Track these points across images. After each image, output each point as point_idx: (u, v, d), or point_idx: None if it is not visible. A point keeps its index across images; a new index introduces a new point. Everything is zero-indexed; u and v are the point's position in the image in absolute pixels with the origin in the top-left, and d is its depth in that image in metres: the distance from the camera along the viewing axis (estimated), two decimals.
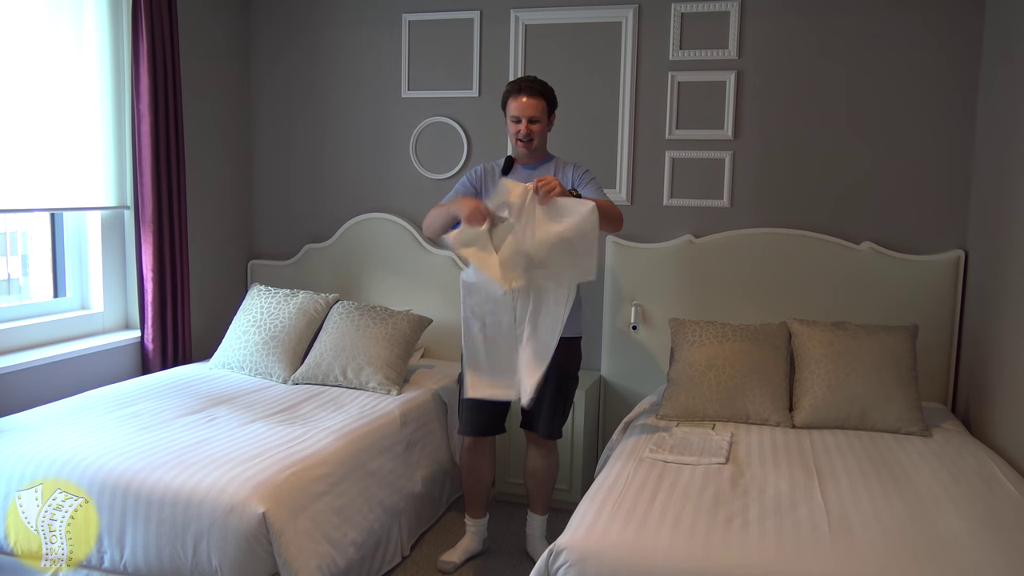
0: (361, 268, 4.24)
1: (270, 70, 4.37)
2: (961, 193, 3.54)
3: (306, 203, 4.40)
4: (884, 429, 3.05)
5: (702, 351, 3.27)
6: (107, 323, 3.75)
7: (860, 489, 2.47)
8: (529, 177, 2.94)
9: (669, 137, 3.82)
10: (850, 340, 3.19)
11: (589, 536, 2.16)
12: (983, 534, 2.16)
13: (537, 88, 2.96)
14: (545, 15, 3.91)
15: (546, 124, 3.00)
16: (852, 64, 3.59)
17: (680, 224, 3.85)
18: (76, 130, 3.45)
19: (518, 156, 3.08)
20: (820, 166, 3.68)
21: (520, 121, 2.95)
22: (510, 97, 2.97)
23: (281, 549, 2.36)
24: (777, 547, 2.10)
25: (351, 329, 3.59)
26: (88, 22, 3.48)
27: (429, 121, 4.14)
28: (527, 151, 3.00)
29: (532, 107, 2.93)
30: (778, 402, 3.16)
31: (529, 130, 2.95)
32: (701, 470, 2.62)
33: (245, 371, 3.64)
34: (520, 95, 2.94)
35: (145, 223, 3.65)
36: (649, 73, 3.83)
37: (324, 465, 2.68)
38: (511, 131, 3.00)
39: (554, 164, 3.07)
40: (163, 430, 2.84)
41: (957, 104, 3.50)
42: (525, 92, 2.94)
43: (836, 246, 3.61)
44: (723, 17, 3.70)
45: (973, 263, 3.44)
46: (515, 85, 2.99)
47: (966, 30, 3.46)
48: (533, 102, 2.94)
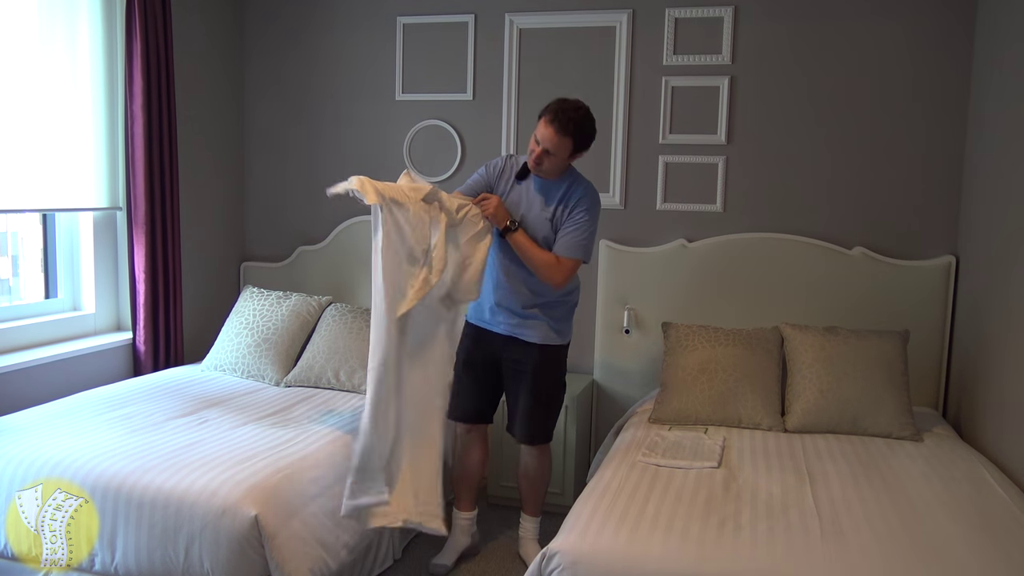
0: (354, 271, 4.24)
1: (264, 72, 4.37)
2: (952, 199, 3.56)
3: (299, 205, 4.39)
4: (875, 434, 3.07)
5: (695, 355, 3.28)
6: (99, 324, 3.73)
7: (852, 493, 2.48)
8: (542, 186, 2.94)
9: (663, 141, 3.83)
10: (842, 345, 3.21)
11: (582, 540, 2.16)
12: (973, 538, 2.17)
13: (570, 128, 2.76)
14: (539, 19, 3.92)
15: (564, 159, 2.84)
16: (845, 70, 3.61)
17: (673, 228, 3.86)
18: (69, 131, 3.44)
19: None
20: (813, 171, 3.70)
21: (540, 143, 2.81)
22: (544, 115, 2.80)
23: (273, 552, 2.35)
24: (769, 551, 2.11)
25: (344, 332, 3.59)
26: (81, 23, 3.46)
27: (423, 124, 4.14)
28: (535, 172, 2.91)
29: (553, 142, 2.77)
30: (770, 406, 3.17)
31: (540, 158, 2.82)
32: (694, 474, 2.62)
33: (237, 373, 3.63)
34: (551, 124, 2.76)
35: (137, 224, 3.64)
36: (643, 78, 3.84)
37: (317, 468, 2.68)
38: (530, 146, 2.86)
39: (567, 182, 2.94)
40: (155, 432, 2.83)
41: (948, 110, 3.53)
42: (556, 123, 2.75)
43: (828, 251, 3.63)
44: (717, 22, 3.72)
45: (964, 269, 3.46)
46: (553, 110, 2.78)
47: (957, 37, 3.48)
48: (557, 138, 2.76)
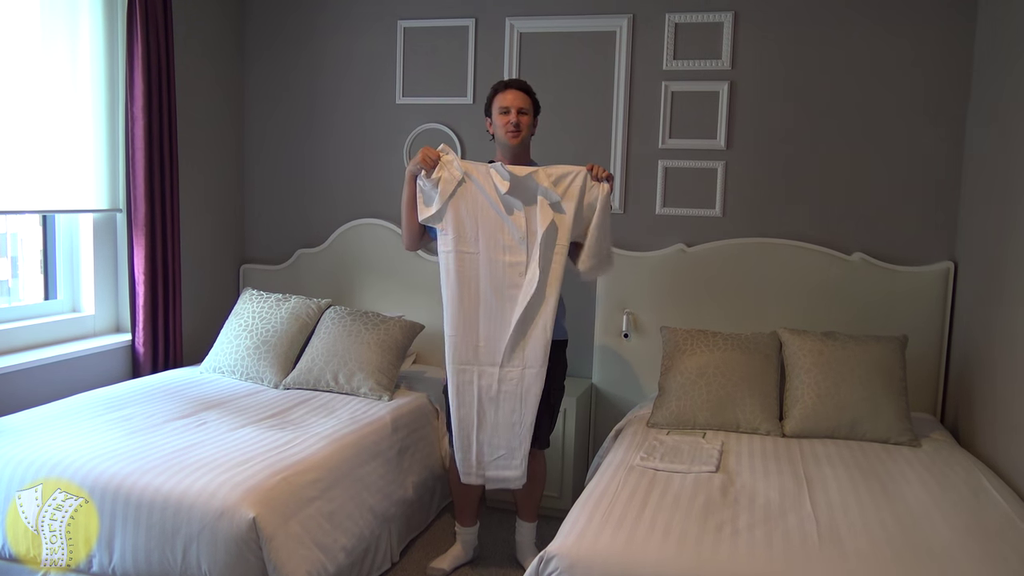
0: (353, 273, 4.24)
1: (264, 75, 4.37)
2: (951, 205, 3.56)
3: (299, 208, 4.40)
4: (873, 439, 3.07)
5: (693, 360, 3.28)
6: (98, 326, 3.73)
7: (849, 498, 2.48)
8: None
9: (662, 146, 3.84)
10: (840, 350, 3.21)
11: (579, 543, 2.16)
12: (971, 544, 2.17)
13: (523, 85, 3.02)
14: (540, 23, 3.93)
15: (532, 121, 3.02)
16: (844, 76, 3.62)
17: (672, 233, 3.86)
18: (69, 132, 3.45)
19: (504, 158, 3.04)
20: (812, 177, 3.70)
21: (509, 112, 2.95)
22: (496, 94, 3.00)
23: (271, 554, 2.35)
24: (766, 555, 2.11)
25: (343, 334, 3.59)
26: (83, 24, 3.47)
27: (423, 127, 4.15)
28: (516, 141, 2.97)
29: (521, 99, 2.97)
30: (768, 411, 3.17)
31: (519, 119, 2.95)
32: (691, 478, 2.62)
33: (236, 375, 3.63)
34: (507, 90, 2.98)
35: (137, 226, 3.64)
36: (643, 83, 3.85)
37: (315, 470, 2.67)
38: (499, 124, 2.98)
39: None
40: (153, 434, 2.83)
41: (947, 115, 3.53)
42: (513, 86, 2.99)
43: (827, 256, 3.64)
44: (717, 28, 3.72)
45: (963, 275, 3.47)
46: (500, 83, 3.04)
47: (957, 43, 3.49)
48: (521, 95, 2.97)
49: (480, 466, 2.94)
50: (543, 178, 2.85)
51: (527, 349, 2.87)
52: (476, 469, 2.94)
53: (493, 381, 2.88)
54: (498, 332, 2.87)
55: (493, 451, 2.91)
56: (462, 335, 2.88)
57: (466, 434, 2.92)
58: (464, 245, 2.88)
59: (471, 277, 2.88)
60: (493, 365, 2.87)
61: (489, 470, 2.93)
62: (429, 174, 2.88)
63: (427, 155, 2.87)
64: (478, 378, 2.89)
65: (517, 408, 2.88)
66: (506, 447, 2.90)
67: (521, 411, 2.88)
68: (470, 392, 2.89)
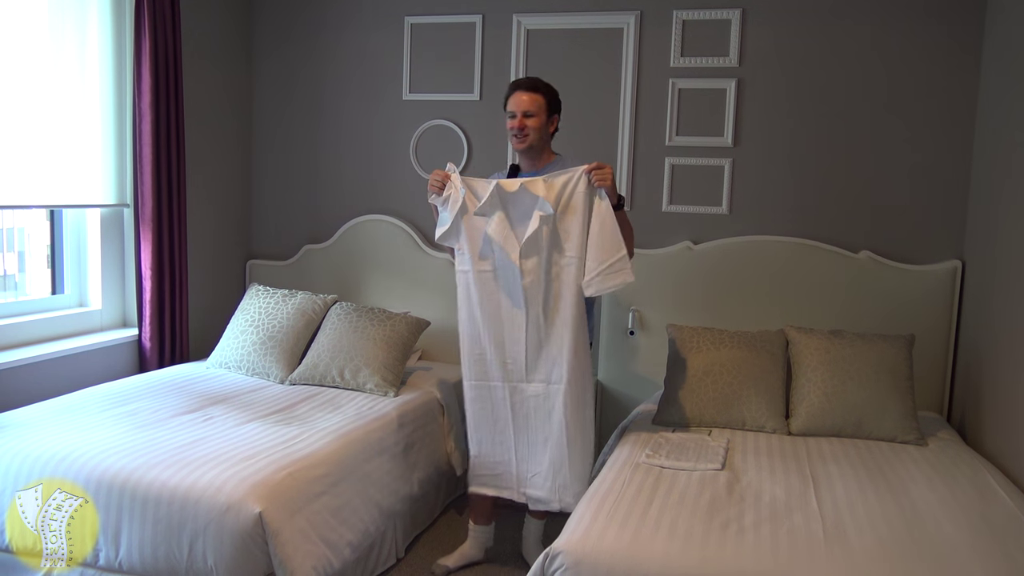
0: (360, 270, 4.25)
1: (271, 70, 4.38)
2: (959, 204, 3.55)
3: (305, 204, 4.40)
4: (880, 438, 3.06)
5: (699, 357, 3.28)
6: (105, 321, 3.74)
7: (855, 497, 2.48)
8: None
9: (669, 143, 3.83)
10: (847, 348, 3.20)
11: (585, 540, 2.16)
12: (977, 543, 2.17)
13: (538, 84, 2.94)
14: (547, 20, 3.93)
15: (545, 121, 2.93)
16: (852, 73, 3.61)
17: (679, 230, 3.86)
18: (77, 127, 3.45)
19: (522, 163, 3.05)
20: (819, 175, 3.69)
21: (515, 116, 2.91)
22: (508, 96, 2.95)
23: (277, 549, 2.36)
24: (772, 553, 2.10)
25: (349, 330, 3.59)
26: (91, 20, 3.48)
27: (430, 124, 4.15)
28: (522, 147, 2.95)
29: (526, 102, 2.89)
30: (774, 409, 3.16)
31: (523, 124, 2.89)
32: (697, 476, 2.62)
33: (242, 371, 3.64)
34: (515, 92, 2.93)
35: (144, 221, 3.65)
36: (650, 79, 3.84)
37: (321, 466, 2.68)
38: (508, 129, 2.95)
39: (560, 164, 2.99)
40: (160, 428, 2.83)
41: (955, 113, 3.52)
42: (521, 88, 2.93)
43: (834, 255, 3.63)
44: (724, 25, 3.72)
45: (970, 273, 3.46)
46: (512, 84, 2.99)
47: (965, 41, 3.48)
48: (527, 96, 2.90)
49: (520, 483, 3.03)
50: (541, 188, 2.80)
51: (551, 365, 2.89)
52: (517, 486, 3.03)
53: (524, 397, 2.94)
54: (520, 348, 2.91)
55: (531, 467, 2.99)
56: (493, 351, 2.92)
57: (505, 447, 3.00)
58: (481, 264, 2.89)
59: (491, 293, 2.90)
60: (520, 381, 2.93)
61: (528, 488, 3.01)
62: (440, 195, 2.89)
63: (435, 178, 2.89)
64: (510, 394, 2.94)
65: (544, 424, 2.93)
66: (538, 467, 2.97)
67: (548, 427, 2.92)
68: (504, 408, 2.97)
